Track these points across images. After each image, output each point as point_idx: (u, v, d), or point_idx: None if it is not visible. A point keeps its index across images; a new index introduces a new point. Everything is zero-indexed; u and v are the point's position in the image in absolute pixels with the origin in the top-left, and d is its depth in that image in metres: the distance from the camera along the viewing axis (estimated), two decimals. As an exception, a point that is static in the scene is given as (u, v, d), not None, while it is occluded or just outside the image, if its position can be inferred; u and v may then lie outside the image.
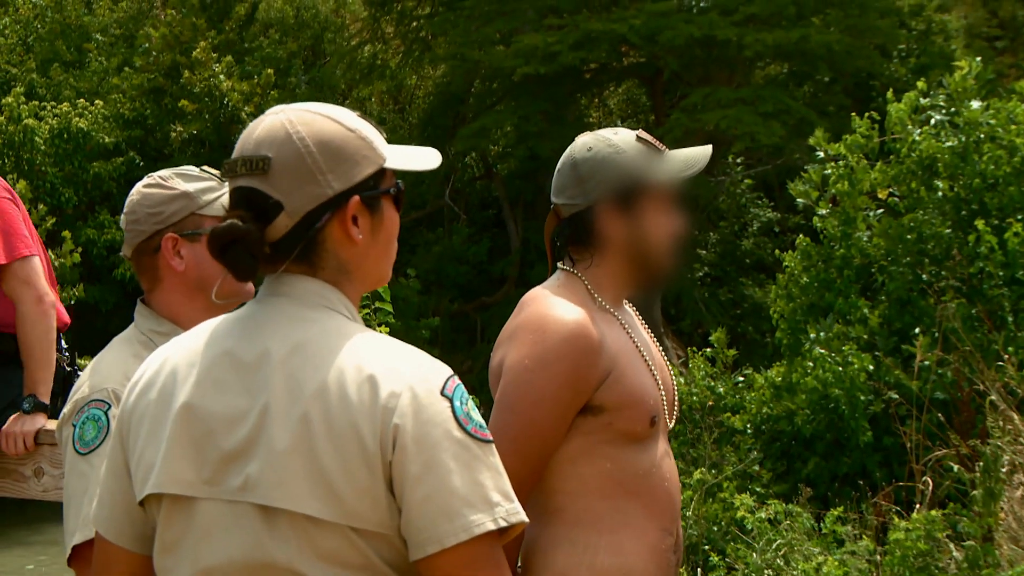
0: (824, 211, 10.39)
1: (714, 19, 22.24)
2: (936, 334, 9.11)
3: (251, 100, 20.78)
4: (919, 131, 9.92)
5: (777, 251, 10.93)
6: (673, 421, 3.04)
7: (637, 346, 2.99)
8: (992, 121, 9.72)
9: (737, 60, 23.65)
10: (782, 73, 26.77)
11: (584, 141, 3.05)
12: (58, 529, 3.15)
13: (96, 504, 2.29)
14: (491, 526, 2.01)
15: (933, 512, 6.23)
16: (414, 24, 27.95)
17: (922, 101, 10.15)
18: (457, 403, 2.06)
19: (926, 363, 8.79)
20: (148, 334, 3.05)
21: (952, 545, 6.40)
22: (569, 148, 3.08)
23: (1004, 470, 6.77)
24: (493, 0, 25.68)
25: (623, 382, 2.85)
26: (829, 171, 10.33)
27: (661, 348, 3.16)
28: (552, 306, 2.87)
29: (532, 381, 2.78)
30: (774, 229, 26.92)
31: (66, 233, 18.03)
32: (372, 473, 2.01)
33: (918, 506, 6.73)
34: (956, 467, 6.80)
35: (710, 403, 10.77)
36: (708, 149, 3.10)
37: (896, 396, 8.99)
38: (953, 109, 9.97)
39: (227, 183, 2.24)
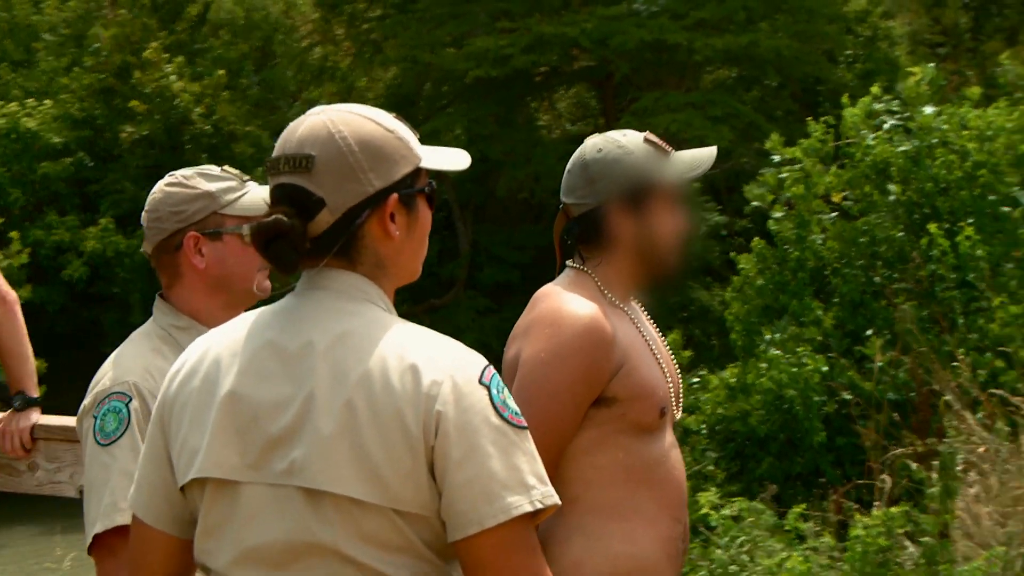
0: (779, 214, 10.52)
1: (664, 23, 22.45)
2: (888, 336, 9.28)
3: (202, 101, 20.75)
4: (873, 136, 10.08)
5: (733, 253, 11.05)
6: (679, 413, 3.14)
7: (646, 340, 3.11)
8: (944, 126, 9.90)
9: (687, 64, 23.90)
10: (731, 78, 27.02)
11: (594, 143, 3.16)
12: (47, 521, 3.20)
13: (134, 489, 2.35)
14: (528, 508, 2.11)
15: (893, 509, 6.35)
16: (365, 26, 27.97)
17: (876, 106, 10.31)
18: (494, 391, 2.16)
19: (880, 364, 8.95)
20: (167, 328, 3.11)
21: (909, 542, 6.53)
22: (579, 149, 3.18)
23: (959, 468, 6.91)
24: (444, 3, 25.76)
25: (634, 375, 2.97)
26: (784, 175, 10.46)
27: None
28: (566, 301, 2.98)
29: (548, 374, 2.88)
30: (721, 232, 27.10)
31: (14, 234, 17.92)
32: (415, 457, 2.10)
33: (877, 503, 6.86)
34: (915, 466, 6.93)
35: (666, 404, 10.90)
36: (713, 150, 3.25)
37: (850, 397, 9.14)
38: (906, 114, 10.14)
39: (268, 180, 2.32)
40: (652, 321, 3.24)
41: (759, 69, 24.35)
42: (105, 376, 3.03)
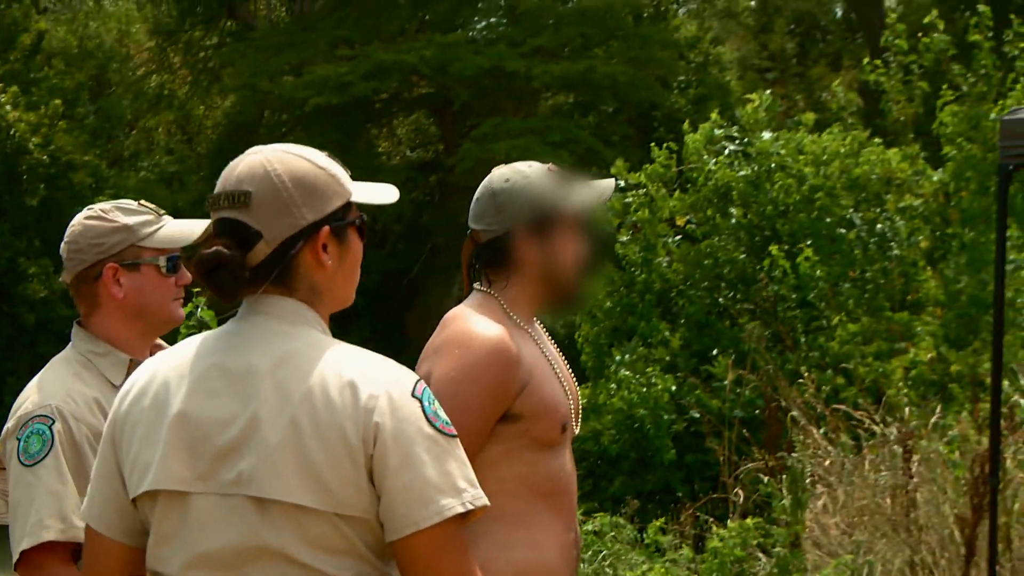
0: (625, 238, 10.78)
1: (502, 51, 22.64)
2: (734, 355, 9.58)
3: (39, 131, 20.36)
4: (714, 161, 10.40)
5: None
6: (578, 428, 3.29)
7: (548, 360, 3.25)
8: (782, 151, 10.27)
9: (525, 91, 24.13)
10: (567, 103, 27.38)
11: (501, 173, 3.31)
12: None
13: (87, 503, 2.50)
14: (460, 509, 2.31)
15: (748, 521, 6.60)
16: (201, 54, 27.75)
17: (716, 132, 10.63)
18: (426, 403, 2.36)
19: (727, 382, 9.23)
20: (86, 355, 3.21)
21: (762, 553, 6.78)
22: (487, 179, 3.32)
23: (808, 481, 7.20)
24: (282, 32, 25.71)
25: (538, 393, 3.12)
26: (630, 199, 10.71)
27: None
28: (475, 323, 3.12)
29: (459, 391, 3.01)
30: (562, 256, 27.48)
31: None
32: (356, 465, 2.28)
33: (731, 516, 7.10)
34: (767, 479, 7.18)
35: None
36: (612, 181, 3.40)
37: (698, 415, 9.41)
38: (746, 140, 10.48)
39: (210, 215, 2.49)
40: (552, 341, 3.39)
41: (596, 95, 24.70)
42: (28, 400, 3.12)
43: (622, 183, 10.97)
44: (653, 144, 10.95)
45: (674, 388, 9.59)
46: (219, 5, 27.65)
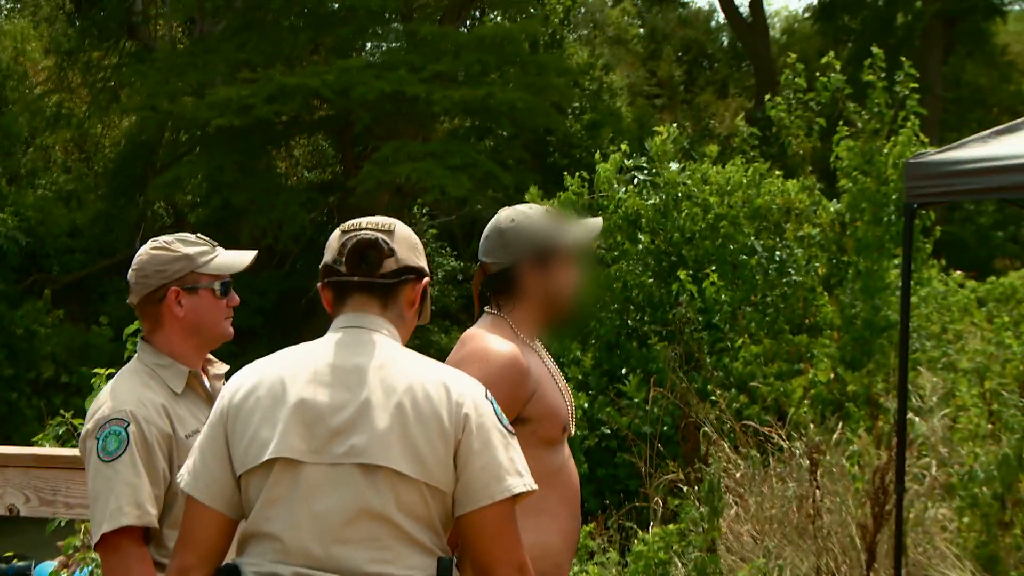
0: None
1: (403, 76, 22.98)
2: (642, 374, 10.03)
3: (-62, 150, 20.46)
4: (624, 189, 10.85)
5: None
6: (573, 430, 3.76)
7: (550, 371, 3.76)
8: (688, 181, 10.77)
9: (425, 115, 24.49)
10: (464, 127, 27.82)
11: (507, 214, 3.80)
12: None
13: (191, 478, 2.99)
14: (523, 488, 2.92)
15: (671, 527, 7.07)
16: (101, 74, 27.75)
17: (626, 162, 11.10)
18: (495, 406, 3.00)
19: (636, 400, 9.69)
20: (151, 366, 3.64)
21: (678, 559, 7.24)
22: (495, 219, 3.81)
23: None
24: (183, 53, 25.79)
25: (544, 399, 3.62)
26: None
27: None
28: (491, 341, 3.61)
29: None
30: (457, 277, 27.81)
31: None
32: (447, 446, 2.88)
33: (652, 524, 7.56)
34: (685, 488, 7.65)
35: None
36: (599, 220, 3.92)
37: (609, 431, 9.85)
38: (654, 170, 10.97)
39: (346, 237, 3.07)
40: (550, 356, 3.86)
41: (493, 120, 25.17)
42: (104, 405, 3.52)
43: (534, 210, 11.34)
44: (566, 173, 11.36)
45: (586, 405, 10.01)
46: (119, 26, 27.69)
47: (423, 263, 3.20)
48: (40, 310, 23.56)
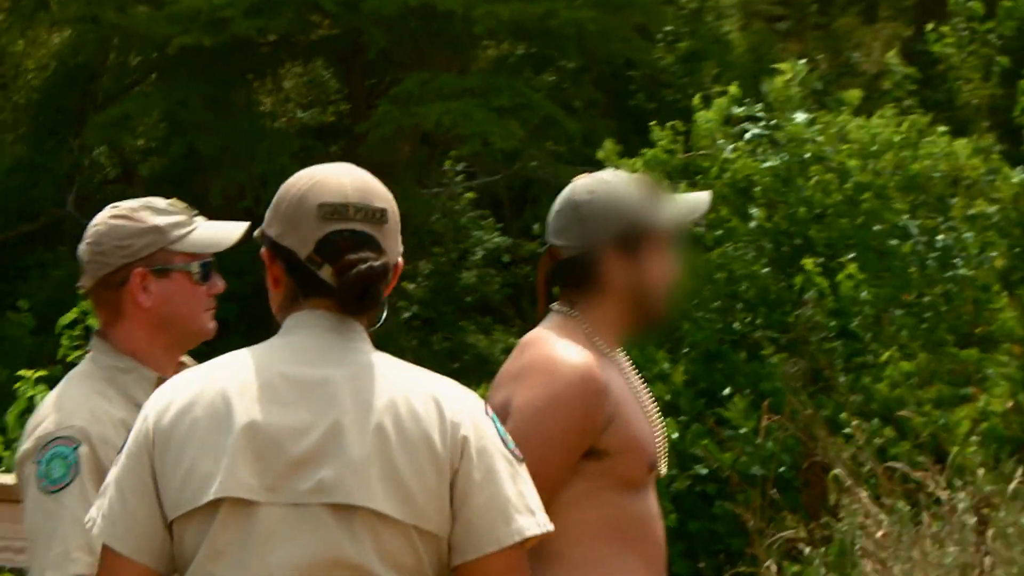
0: None
1: (434, -18, 22.95)
2: (752, 396, 10.10)
3: None
4: (732, 147, 10.91)
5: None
6: (664, 468, 3.90)
7: (635, 391, 3.88)
8: (820, 138, 10.82)
9: (462, 38, 24.42)
10: (514, 55, 27.75)
11: (585, 183, 3.92)
12: None
13: (108, 524, 3.04)
14: (536, 531, 3.02)
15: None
16: (23, -28, 27.92)
17: (735, 110, 11.15)
18: (497, 425, 3.11)
19: (741, 431, 9.78)
20: (108, 369, 3.80)
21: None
22: (568, 190, 3.94)
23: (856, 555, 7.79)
24: (136, -53, 25.84)
25: (626, 428, 3.73)
26: None
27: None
28: (559, 348, 3.74)
29: (542, 422, 3.64)
30: (502, 259, 27.84)
31: None
32: (440, 477, 2.98)
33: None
34: (808, 550, 7.77)
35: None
36: (707, 195, 4.08)
37: (706, 471, 9.95)
38: (774, 122, 11.03)
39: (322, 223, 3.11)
40: (635, 370, 4.00)
41: (556, 47, 25.03)
42: (47, 419, 3.68)
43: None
44: (654, 124, 11.42)
45: (676, 436, 10.08)
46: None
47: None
48: (-64, 289, 23.78)
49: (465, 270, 27.55)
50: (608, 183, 3.92)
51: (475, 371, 24.87)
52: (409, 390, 3.03)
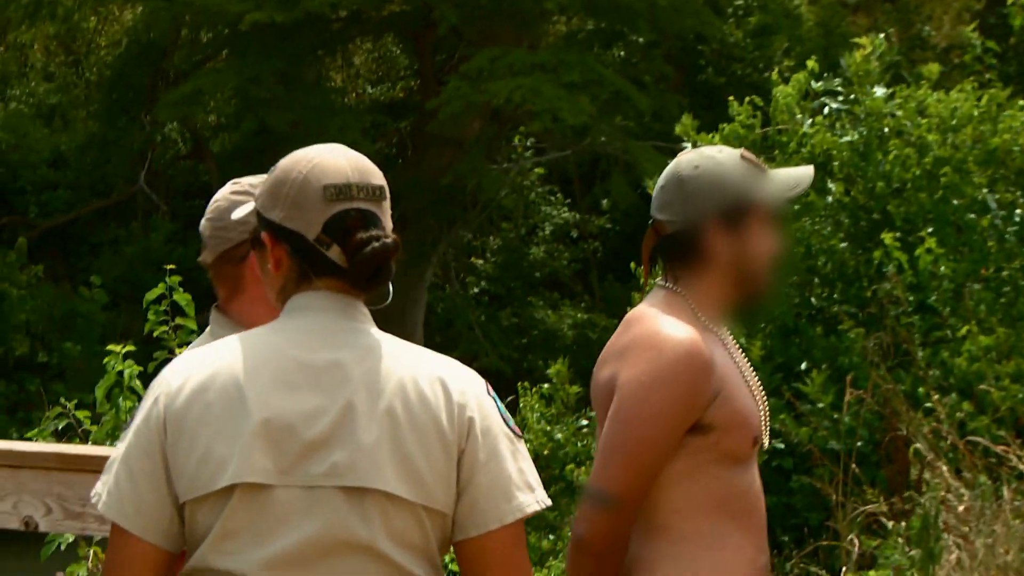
0: None
1: (505, -42, 23.06)
2: (829, 371, 10.10)
3: None
4: (810, 122, 10.91)
5: (638, 267, 11.60)
6: (767, 441, 3.95)
7: (738, 366, 3.93)
8: (899, 112, 10.81)
9: (533, 13, 24.48)
10: (583, 30, 27.77)
11: (689, 158, 3.97)
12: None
13: (114, 499, 3.15)
14: (536, 507, 3.17)
15: (871, 573, 7.21)
16: (97, -52, 28.09)
17: (814, 85, 11.15)
18: (498, 404, 3.24)
19: (820, 406, 9.78)
20: None
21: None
22: (673, 164, 3.99)
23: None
24: (210, -77, 25.94)
25: (731, 402, 3.78)
26: None
27: None
28: (665, 324, 3.79)
29: (648, 398, 3.70)
30: (571, 234, 27.89)
31: None
32: (448, 458, 3.11)
33: (844, 570, 7.71)
34: (891, 524, 7.78)
35: (547, 451, 11.66)
36: (810, 169, 4.10)
37: (782, 445, 9.96)
38: (852, 96, 11.01)
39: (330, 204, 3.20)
40: (738, 346, 4.04)
41: (626, 22, 25.07)
42: None
43: (688, 146, 11.44)
44: (732, 99, 11.44)
45: (753, 411, 10.06)
46: None
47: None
48: (11, 265, 23.89)
49: (534, 246, 27.62)
50: (713, 158, 3.96)
51: (542, 346, 24.99)
52: (416, 372, 3.14)
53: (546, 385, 11.94)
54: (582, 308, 26.40)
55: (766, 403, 4.02)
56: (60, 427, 7.75)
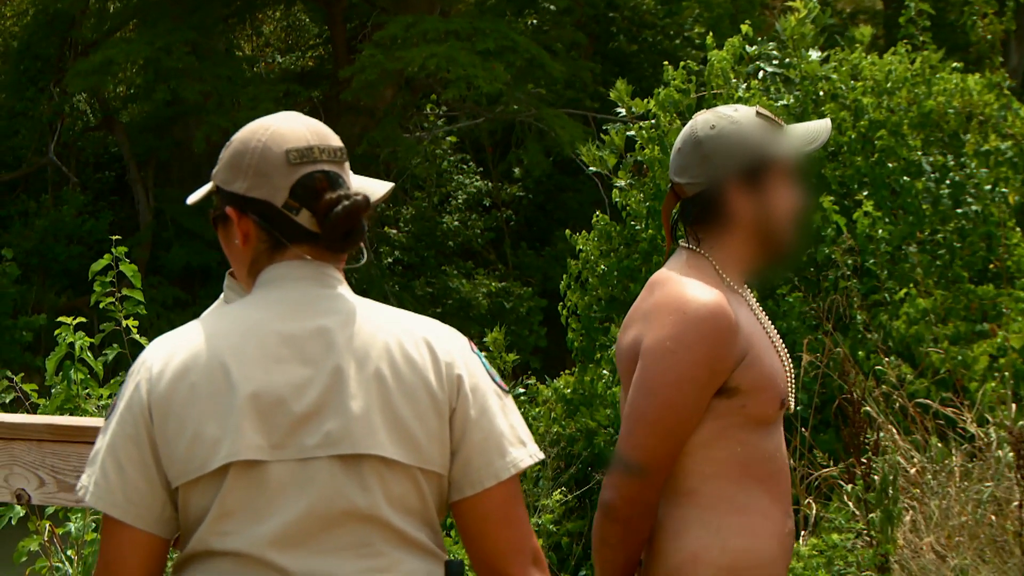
0: (624, 182, 11.16)
1: (414, -78, 22.98)
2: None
3: None
4: (745, 86, 10.88)
5: (573, 234, 11.54)
6: (793, 404, 3.93)
7: (764, 327, 3.90)
8: (834, 76, 10.80)
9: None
10: (493, -1, 27.72)
11: (705, 119, 3.93)
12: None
13: (103, 490, 3.10)
14: (529, 461, 3.20)
15: (835, 536, 7.21)
16: (-1, -88, 27.75)
17: (748, 49, 11.11)
18: (483, 360, 3.26)
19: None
20: None
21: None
22: (689, 126, 3.95)
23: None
24: None
25: (757, 364, 3.75)
26: (632, 133, 11.07)
27: None
28: (688, 287, 3.75)
29: (674, 362, 3.68)
30: (484, 203, 27.83)
31: None
32: (440, 418, 3.12)
33: (803, 534, 7.70)
34: (850, 487, 7.77)
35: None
36: (827, 123, 4.05)
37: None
38: (787, 60, 11.00)
39: (292, 168, 3.21)
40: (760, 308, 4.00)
41: (539, -13, 25.10)
42: None
43: (622, 111, 11.36)
44: (667, 64, 11.38)
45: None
46: None
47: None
48: (-85, 239, 23.68)
49: (447, 215, 27.52)
50: (729, 117, 3.92)
51: (457, 315, 24.95)
52: (400, 334, 3.14)
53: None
54: (496, 277, 26.33)
55: (791, 364, 3.97)
56: (8, 400, 7.63)
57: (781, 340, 3.99)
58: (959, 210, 10.46)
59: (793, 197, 3.93)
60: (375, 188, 3.37)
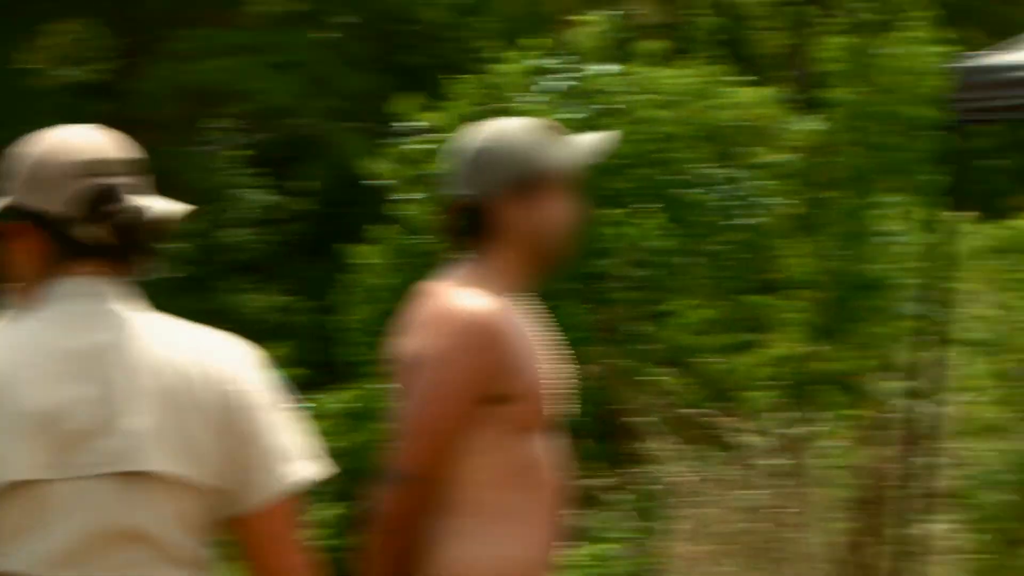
0: (406, 195, 11.24)
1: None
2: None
3: None
4: (535, 99, 10.93)
5: (354, 247, 11.54)
6: (568, 413, 4.03)
7: (539, 336, 3.95)
8: (622, 88, 10.89)
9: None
10: (286, 12, 27.55)
11: (479, 132, 4.00)
12: None
13: None
14: (309, 477, 3.09)
15: (600, 547, 7.32)
16: None
17: (539, 63, 11.16)
18: (267, 374, 3.16)
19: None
20: None
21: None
22: (464, 139, 4.01)
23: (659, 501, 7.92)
24: None
25: (529, 373, 3.81)
26: (416, 147, 11.11)
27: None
28: (458, 297, 3.81)
29: (439, 371, 3.75)
30: (273, 217, 27.63)
31: None
32: (221, 433, 3.04)
33: (577, 543, 7.78)
34: (617, 497, 7.86)
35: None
36: (610, 135, 4.16)
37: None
38: (578, 73, 11.08)
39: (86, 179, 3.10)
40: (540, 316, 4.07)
41: (330, 2, 25.01)
42: None
43: (411, 124, 11.36)
44: (452, 76, 11.40)
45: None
46: None
47: None
48: None
49: (234, 228, 27.35)
50: (503, 130, 4.01)
51: (243, 330, 24.68)
52: (183, 348, 3.09)
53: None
54: (281, 291, 26.23)
55: (569, 374, 4.07)
56: None
57: (559, 350, 4.07)
58: (732, 222, 10.61)
59: (564, 209, 4.00)
60: (166, 205, 3.24)
